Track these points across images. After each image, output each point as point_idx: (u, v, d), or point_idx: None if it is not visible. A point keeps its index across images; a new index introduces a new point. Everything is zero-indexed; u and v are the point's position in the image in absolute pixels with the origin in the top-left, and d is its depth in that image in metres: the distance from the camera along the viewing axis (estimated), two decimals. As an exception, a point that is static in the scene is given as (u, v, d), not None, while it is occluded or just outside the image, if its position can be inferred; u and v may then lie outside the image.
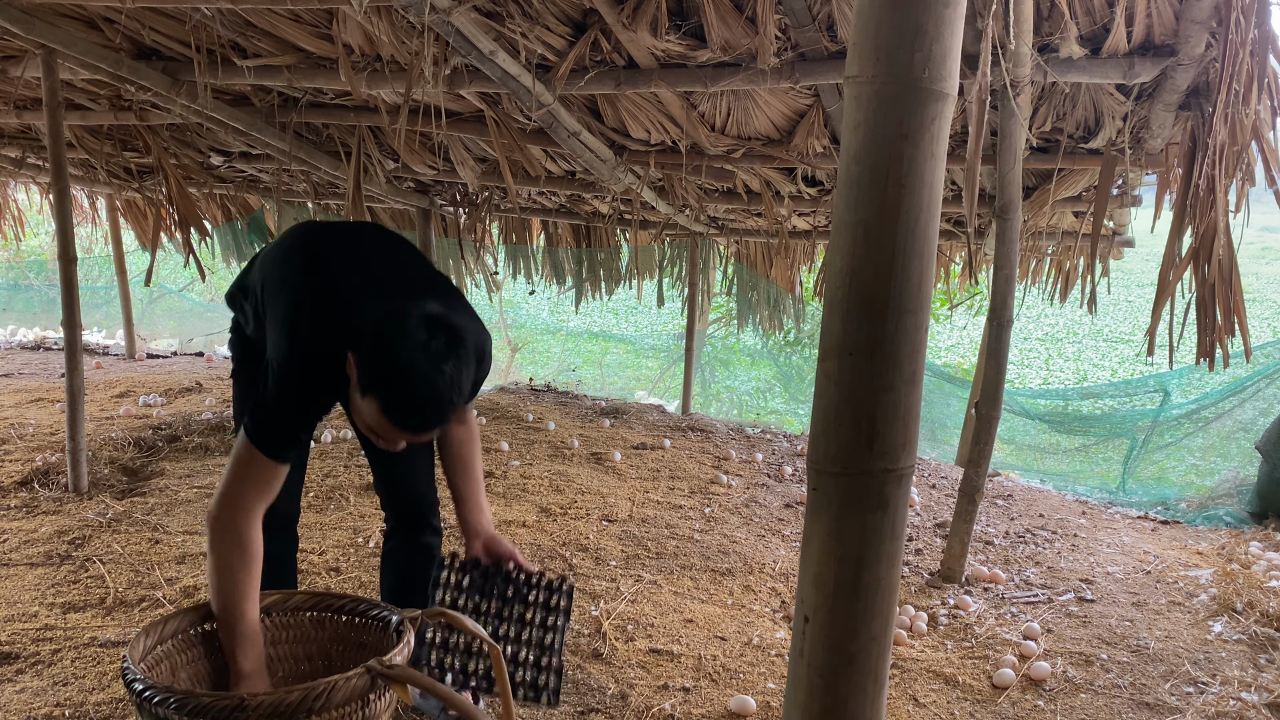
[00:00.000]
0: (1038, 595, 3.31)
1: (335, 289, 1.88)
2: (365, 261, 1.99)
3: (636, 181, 4.61)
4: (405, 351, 1.66)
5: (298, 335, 1.82)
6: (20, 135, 5.57)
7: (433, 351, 1.67)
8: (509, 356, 11.96)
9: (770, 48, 3.03)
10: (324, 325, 1.83)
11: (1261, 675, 2.69)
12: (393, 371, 1.66)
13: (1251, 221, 3.10)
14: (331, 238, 2.07)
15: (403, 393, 1.67)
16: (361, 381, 1.71)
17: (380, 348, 1.68)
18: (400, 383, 1.66)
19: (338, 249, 2.03)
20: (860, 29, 1.14)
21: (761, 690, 2.50)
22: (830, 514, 1.21)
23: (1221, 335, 3.09)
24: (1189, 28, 2.70)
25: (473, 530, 2.16)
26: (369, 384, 1.69)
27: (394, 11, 3.03)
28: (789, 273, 6.59)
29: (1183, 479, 5.88)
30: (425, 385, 1.66)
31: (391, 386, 1.67)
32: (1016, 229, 3.16)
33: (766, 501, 4.24)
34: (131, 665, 1.52)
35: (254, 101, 4.32)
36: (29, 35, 3.43)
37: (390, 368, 1.66)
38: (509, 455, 4.67)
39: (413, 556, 2.33)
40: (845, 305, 1.17)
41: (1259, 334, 13.77)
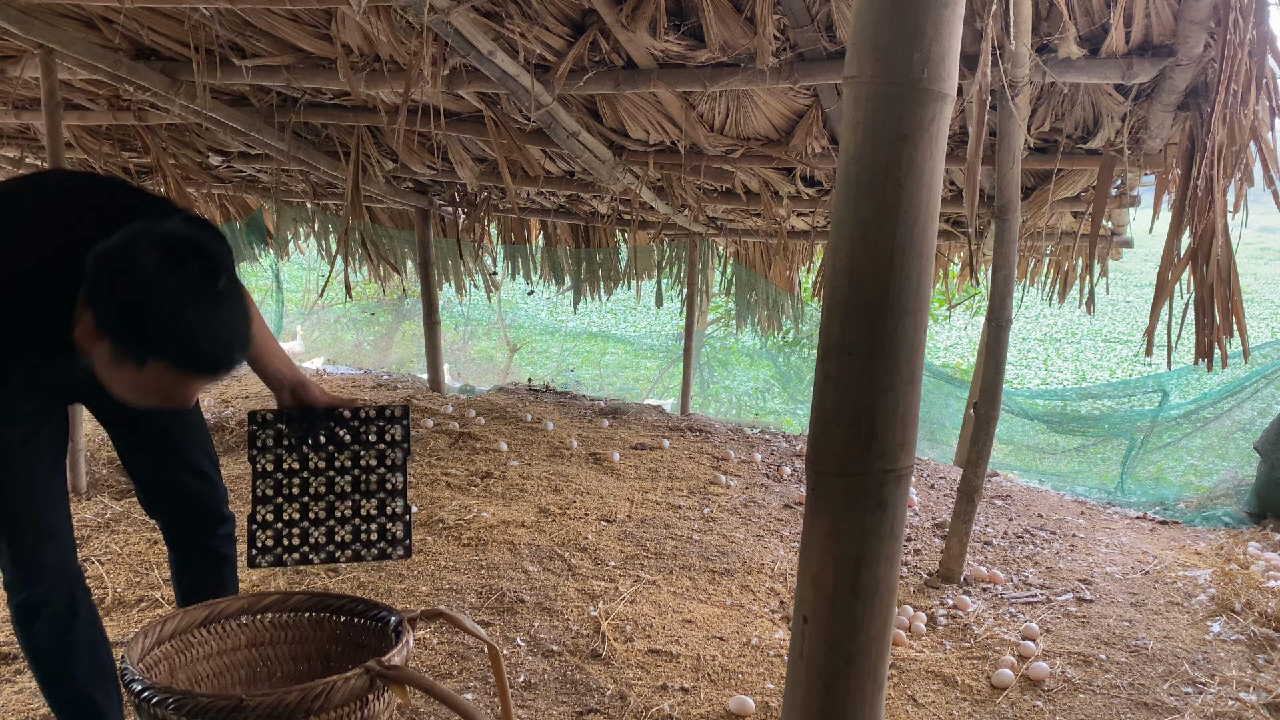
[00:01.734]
0: (1036, 595, 3.31)
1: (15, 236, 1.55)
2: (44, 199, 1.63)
3: (635, 182, 4.61)
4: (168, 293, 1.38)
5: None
6: (19, 135, 5.57)
7: (195, 278, 1.41)
8: (508, 357, 11.96)
9: (769, 48, 3.03)
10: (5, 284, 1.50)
11: (1260, 675, 2.69)
12: (167, 320, 1.39)
13: (1250, 222, 3.11)
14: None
15: (196, 338, 1.42)
16: (128, 348, 1.42)
17: (133, 303, 1.39)
18: (185, 328, 1.40)
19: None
20: (859, 29, 1.14)
21: (760, 690, 2.50)
22: (829, 514, 1.21)
23: (1220, 335, 3.09)
24: (1187, 28, 2.71)
25: (275, 381, 1.87)
26: (142, 349, 1.41)
27: (393, 12, 3.03)
28: (788, 273, 6.59)
29: (1181, 479, 5.88)
30: (213, 318, 1.43)
31: (177, 338, 1.41)
32: (1015, 229, 3.16)
33: (765, 502, 4.24)
34: (130, 665, 1.52)
35: (253, 101, 4.32)
36: (28, 35, 3.43)
37: (163, 317, 1.38)
38: (508, 455, 4.66)
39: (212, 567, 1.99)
40: (844, 305, 1.17)
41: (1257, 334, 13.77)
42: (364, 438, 1.92)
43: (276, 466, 1.90)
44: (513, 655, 2.62)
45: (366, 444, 1.92)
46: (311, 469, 1.91)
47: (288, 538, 1.90)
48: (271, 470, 1.90)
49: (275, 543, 1.91)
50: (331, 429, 1.91)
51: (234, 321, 1.48)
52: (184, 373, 1.46)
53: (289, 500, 1.91)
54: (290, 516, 1.91)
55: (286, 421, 1.89)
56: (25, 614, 1.75)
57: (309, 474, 1.91)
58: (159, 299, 1.39)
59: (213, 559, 2.01)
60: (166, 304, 1.39)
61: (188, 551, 2.02)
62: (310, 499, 1.91)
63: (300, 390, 1.89)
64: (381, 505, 1.93)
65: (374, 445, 1.93)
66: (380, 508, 1.93)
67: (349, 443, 1.92)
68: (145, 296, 1.39)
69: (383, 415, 1.91)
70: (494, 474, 4.30)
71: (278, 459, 1.90)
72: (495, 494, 4.03)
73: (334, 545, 1.92)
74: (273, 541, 1.90)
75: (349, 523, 1.92)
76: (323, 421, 1.90)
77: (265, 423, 1.89)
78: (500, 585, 3.05)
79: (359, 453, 1.92)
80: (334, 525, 1.92)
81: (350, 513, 1.92)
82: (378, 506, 1.93)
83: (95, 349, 1.46)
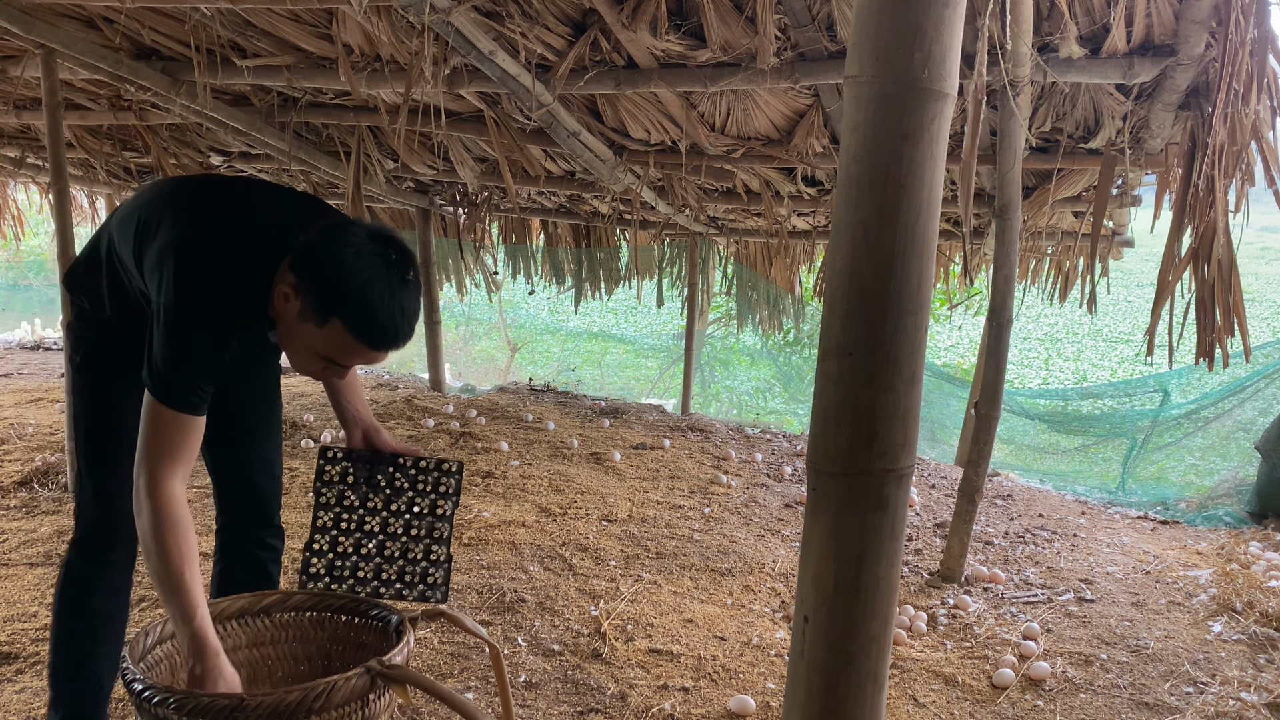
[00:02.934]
0: (1037, 595, 3.31)
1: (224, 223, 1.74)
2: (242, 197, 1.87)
3: (636, 181, 4.61)
4: (367, 268, 1.59)
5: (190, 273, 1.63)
6: (20, 135, 5.57)
7: (393, 263, 1.62)
8: (508, 356, 11.97)
9: (770, 48, 3.03)
10: (221, 259, 1.68)
11: (1261, 675, 2.69)
12: (360, 289, 1.58)
13: (1251, 221, 3.11)
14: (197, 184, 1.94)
15: (376, 309, 1.59)
16: (317, 308, 1.60)
17: (336, 267, 1.58)
18: (372, 299, 1.59)
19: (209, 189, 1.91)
20: (860, 29, 1.14)
21: (761, 690, 2.50)
22: (830, 514, 1.21)
23: (1221, 335, 3.09)
24: (1188, 28, 2.70)
25: (351, 419, 2.01)
26: (330, 307, 1.59)
27: (394, 11, 3.03)
28: (788, 273, 6.59)
29: (1182, 479, 5.88)
30: (396, 299, 1.61)
31: (362, 305, 1.59)
32: (1016, 229, 3.16)
33: (766, 501, 4.24)
34: (131, 665, 1.52)
35: (253, 101, 4.32)
36: (29, 35, 3.43)
37: (357, 285, 1.58)
38: (509, 455, 4.67)
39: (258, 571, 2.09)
40: (845, 305, 1.17)
41: (1258, 334, 13.77)
42: (420, 486, 2.04)
43: (338, 501, 2.01)
44: (514, 655, 2.62)
45: (422, 492, 2.04)
46: (369, 508, 2.02)
47: (339, 568, 2.01)
48: (333, 503, 2.01)
49: (326, 571, 2.01)
50: (392, 474, 2.02)
51: (411, 310, 1.65)
52: (355, 340, 1.62)
53: (345, 534, 2.01)
54: (344, 549, 2.01)
55: (354, 461, 2.01)
56: (95, 549, 1.90)
57: (366, 512, 2.02)
58: (361, 269, 1.58)
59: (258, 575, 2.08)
60: (366, 274, 1.59)
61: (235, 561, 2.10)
62: (364, 535, 2.02)
63: (372, 434, 2.02)
64: (427, 550, 2.03)
65: (428, 494, 2.04)
66: (426, 553, 2.03)
67: (406, 489, 2.03)
68: (352, 263, 1.58)
69: (439, 468, 2.03)
70: (495, 474, 4.30)
71: (340, 494, 2.01)
72: (496, 494, 4.03)
73: (379, 581, 2.02)
74: (324, 570, 2.00)
75: (395, 563, 2.02)
76: (386, 465, 2.02)
77: (334, 459, 2.01)
78: (501, 585, 3.05)
79: (414, 499, 2.03)
80: (382, 563, 2.02)
81: (398, 553, 2.03)
82: (423, 552, 2.03)
83: (286, 309, 1.65)
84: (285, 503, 2.18)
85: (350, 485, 2.01)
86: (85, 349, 1.92)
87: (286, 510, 2.28)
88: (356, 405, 2.02)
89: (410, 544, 2.02)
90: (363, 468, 2.02)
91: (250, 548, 2.09)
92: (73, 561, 1.90)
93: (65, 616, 1.91)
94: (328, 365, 1.70)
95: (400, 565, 2.02)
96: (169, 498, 1.59)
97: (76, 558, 1.90)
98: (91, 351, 1.92)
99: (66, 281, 1.95)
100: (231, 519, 2.10)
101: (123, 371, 1.87)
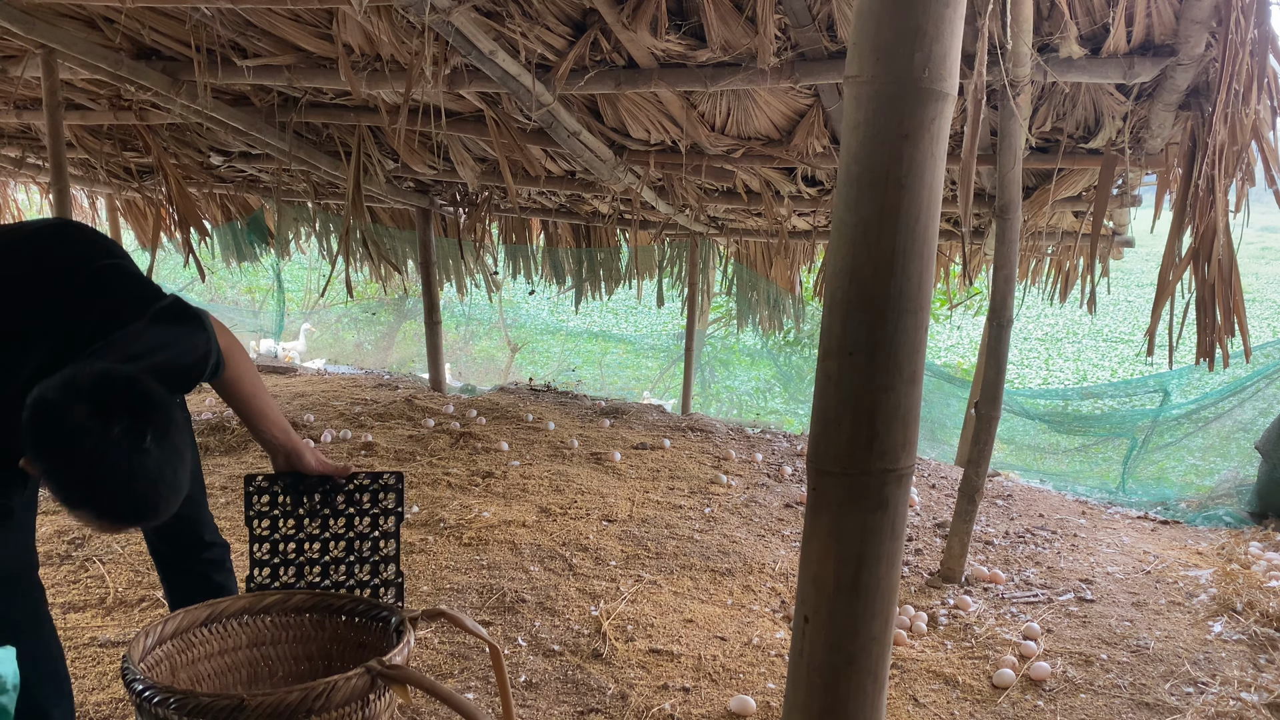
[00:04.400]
0: (1037, 595, 3.31)
1: None
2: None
3: (636, 181, 4.61)
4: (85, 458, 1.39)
5: None
6: (20, 135, 5.58)
7: (117, 440, 1.40)
8: (509, 356, 11.96)
9: (770, 48, 3.03)
10: None
11: (1261, 675, 2.69)
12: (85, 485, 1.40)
13: (1251, 221, 3.11)
14: None
15: (110, 502, 1.44)
16: (55, 495, 1.44)
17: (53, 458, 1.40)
18: (104, 495, 1.42)
19: None
20: (860, 29, 1.14)
21: (761, 690, 2.50)
22: (830, 514, 1.21)
23: (1221, 335, 3.09)
24: (1189, 28, 2.70)
25: (270, 446, 1.90)
26: (65, 500, 1.43)
27: (394, 11, 3.04)
28: (789, 273, 6.59)
29: (1182, 479, 5.88)
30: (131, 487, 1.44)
31: (93, 500, 1.43)
32: (1016, 229, 3.16)
33: (766, 501, 4.24)
34: (131, 665, 1.52)
35: (254, 101, 4.32)
36: (29, 35, 3.43)
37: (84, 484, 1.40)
38: (509, 455, 4.67)
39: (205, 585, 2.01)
40: (845, 305, 1.17)
41: (1259, 334, 13.77)
42: (359, 503, 1.95)
43: (273, 529, 1.93)
44: (514, 655, 2.62)
45: (361, 510, 1.94)
46: (308, 534, 1.94)
47: None
48: (267, 533, 1.93)
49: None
50: (326, 494, 1.93)
51: (159, 477, 1.47)
52: (105, 523, 1.50)
53: (284, 564, 1.94)
54: (285, 580, 1.95)
55: (282, 487, 1.92)
56: None
57: (306, 538, 1.94)
58: (81, 461, 1.40)
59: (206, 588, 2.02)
60: (85, 465, 1.40)
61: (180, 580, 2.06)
62: (305, 563, 1.95)
63: (295, 458, 1.91)
64: (375, 570, 1.97)
65: (367, 511, 1.96)
66: (374, 572, 1.97)
67: (343, 508, 1.95)
68: (69, 459, 1.40)
69: (377, 482, 1.94)
70: (495, 474, 4.30)
71: (274, 523, 1.93)
72: (496, 494, 4.03)
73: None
74: None
75: (343, 586, 1.96)
76: (317, 487, 1.92)
77: (260, 488, 1.92)
78: (501, 585, 3.05)
79: (353, 518, 1.95)
80: (329, 589, 1.96)
81: (344, 577, 1.96)
82: (370, 571, 1.97)
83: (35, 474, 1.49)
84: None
85: (282, 513, 1.93)
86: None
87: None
88: (272, 431, 1.89)
89: (355, 566, 1.95)
90: (292, 492, 1.92)
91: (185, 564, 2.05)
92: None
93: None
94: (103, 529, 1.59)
95: (349, 588, 1.96)
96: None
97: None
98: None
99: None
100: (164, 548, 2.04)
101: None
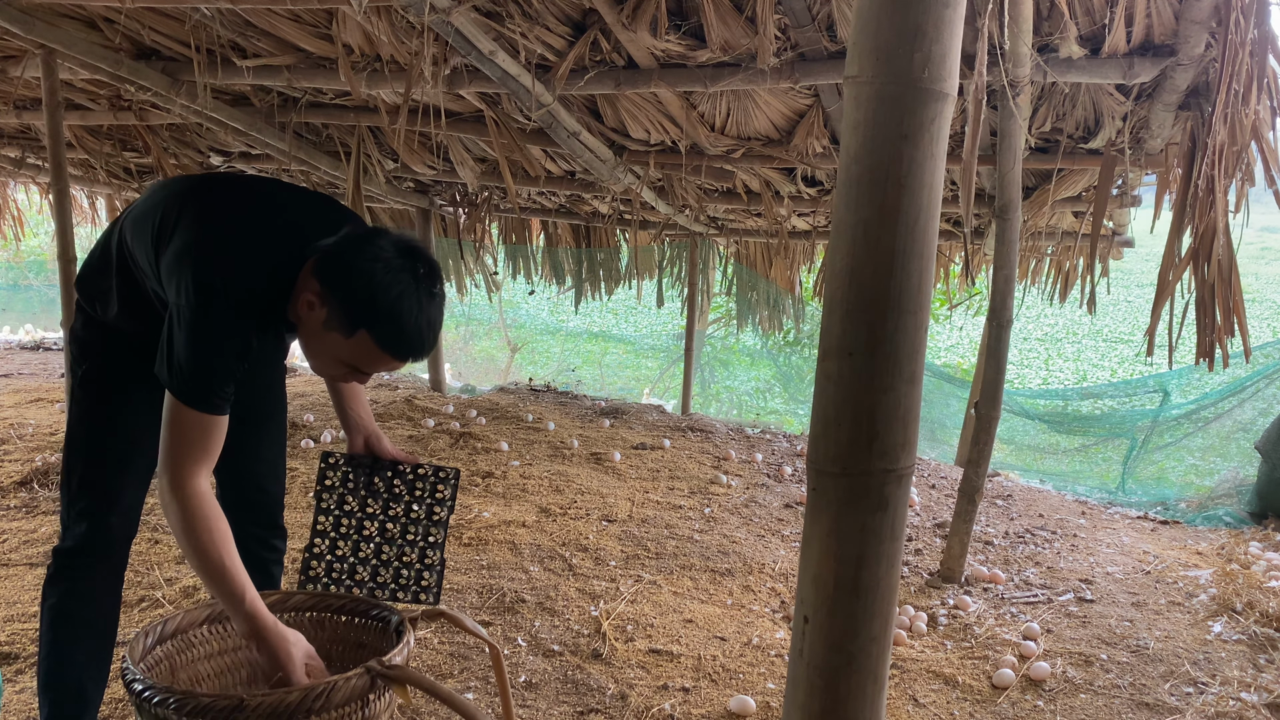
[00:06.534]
0: (1037, 595, 3.31)
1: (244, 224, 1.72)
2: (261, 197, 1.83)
3: (636, 181, 4.62)
4: (397, 283, 1.59)
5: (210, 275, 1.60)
6: (20, 135, 5.57)
7: (421, 277, 1.63)
8: (509, 356, 11.97)
9: (770, 48, 3.03)
10: (241, 261, 1.65)
11: (1261, 675, 2.69)
12: (390, 303, 1.59)
13: (1251, 221, 3.11)
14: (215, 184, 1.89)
15: (405, 323, 1.61)
16: (345, 319, 1.60)
17: (366, 280, 1.58)
18: (401, 314, 1.60)
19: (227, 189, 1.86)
20: (860, 29, 1.14)
21: (761, 690, 2.50)
22: (830, 514, 1.21)
23: (1221, 335, 3.09)
24: (1188, 28, 2.70)
25: (354, 425, 2.03)
26: (359, 320, 1.60)
27: (394, 11, 3.04)
28: (788, 273, 6.59)
29: (1182, 479, 5.89)
30: (424, 314, 1.63)
31: (392, 319, 1.60)
32: (1016, 229, 3.16)
33: (766, 502, 4.24)
34: (131, 665, 1.52)
35: (254, 101, 4.32)
36: (29, 35, 3.43)
37: (387, 300, 1.58)
38: (509, 455, 4.67)
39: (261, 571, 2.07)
40: (845, 305, 1.17)
41: (1258, 334, 13.78)
42: (417, 492, 2.07)
43: (339, 505, 2.05)
44: (514, 655, 2.62)
45: (419, 498, 2.07)
46: (368, 513, 2.06)
47: (337, 571, 2.04)
48: (333, 508, 2.05)
49: (325, 573, 2.04)
50: (391, 480, 2.06)
51: (437, 323, 1.69)
52: (383, 351, 1.64)
53: (343, 537, 2.05)
54: (343, 552, 2.05)
55: (354, 467, 2.05)
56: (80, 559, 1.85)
57: (365, 517, 2.06)
58: (391, 282, 1.59)
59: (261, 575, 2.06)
60: (396, 289, 1.59)
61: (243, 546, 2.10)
62: (362, 539, 2.06)
63: (374, 441, 2.04)
64: (422, 554, 2.07)
65: (425, 500, 2.07)
66: (420, 557, 2.06)
67: (403, 495, 2.07)
68: (382, 277, 1.59)
69: (436, 475, 2.07)
70: (495, 474, 4.30)
71: (340, 499, 2.05)
72: (496, 494, 4.03)
73: (374, 583, 2.06)
74: (323, 572, 2.04)
75: (391, 565, 2.06)
76: (385, 471, 2.06)
77: (334, 465, 2.05)
78: (501, 585, 3.05)
79: (411, 505, 2.07)
80: (378, 566, 2.06)
81: (393, 557, 2.06)
82: (419, 556, 2.07)
83: (310, 316, 1.64)
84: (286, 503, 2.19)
85: (350, 490, 2.05)
86: (90, 362, 1.86)
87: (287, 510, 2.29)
88: (360, 412, 2.04)
89: (406, 548, 2.06)
90: (362, 474, 2.05)
91: (253, 548, 2.08)
92: (58, 571, 1.86)
93: (50, 627, 1.87)
94: (350, 371, 1.72)
95: (396, 569, 2.05)
96: (196, 496, 1.60)
97: (62, 568, 1.85)
98: (97, 365, 1.86)
99: (79, 285, 1.88)
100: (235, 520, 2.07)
101: (127, 389, 1.85)
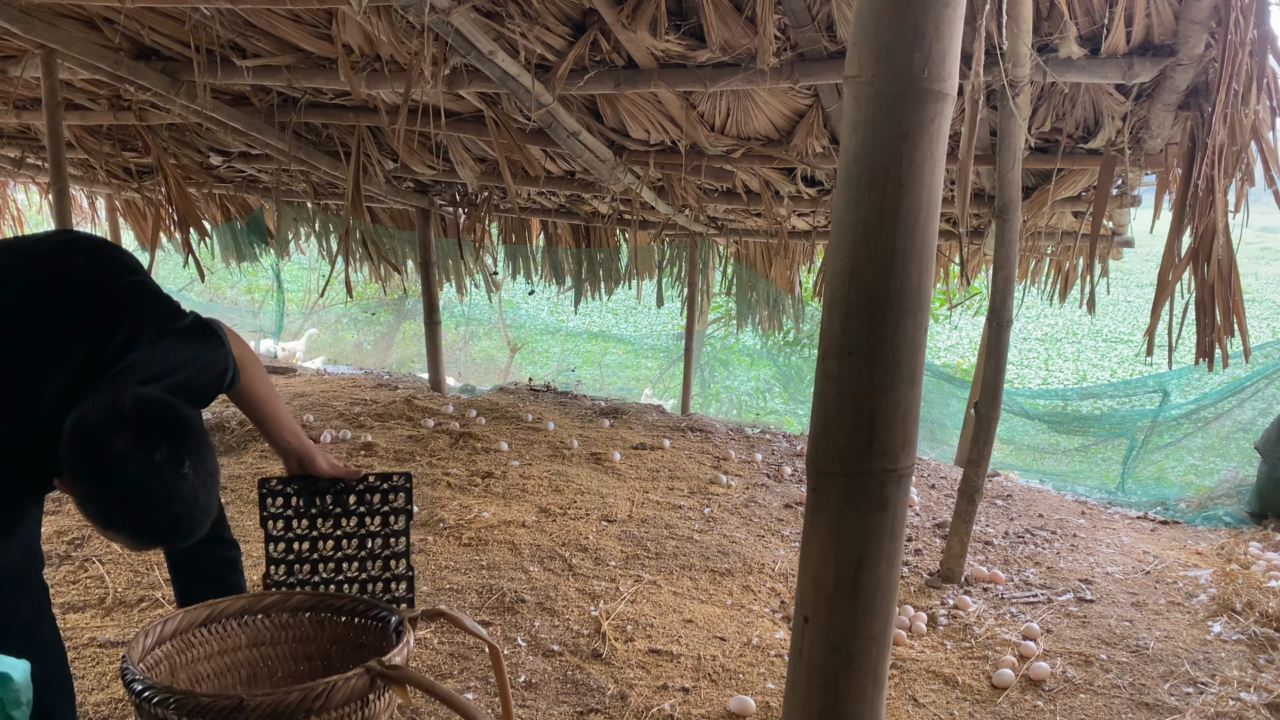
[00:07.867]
0: (1037, 595, 3.31)
1: None
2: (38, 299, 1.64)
3: (636, 181, 4.61)
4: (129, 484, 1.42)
5: None
6: (20, 135, 5.57)
7: (159, 466, 1.44)
8: (508, 356, 11.96)
9: (770, 48, 3.03)
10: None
11: (1261, 675, 2.69)
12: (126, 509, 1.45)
13: (1251, 221, 3.11)
14: None
15: (148, 525, 1.48)
16: (91, 518, 1.48)
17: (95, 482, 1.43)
18: (140, 518, 1.46)
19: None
20: (860, 29, 1.14)
21: (761, 690, 2.50)
22: (830, 514, 1.21)
23: (1221, 335, 3.09)
24: (1188, 28, 2.70)
25: (282, 450, 1.96)
26: (103, 523, 1.47)
27: (393, 11, 3.04)
28: (788, 273, 6.59)
29: (1182, 479, 5.88)
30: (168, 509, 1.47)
31: (132, 524, 1.47)
32: (1016, 229, 3.16)
33: (766, 502, 4.24)
34: (131, 665, 1.52)
35: (253, 101, 4.32)
36: (28, 35, 3.43)
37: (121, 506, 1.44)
38: (508, 455, 4.66)
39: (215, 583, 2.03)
40: (845, 305, 1.17)
41: (1258, 334, 13.78)
42: (369, 503, 2.02)
43: (287, 529, 2.01)
44: (513, 655, 2.62)
45: (372, 510, 2.02)
46: (322, 533, 2.02)
47: None
48: (282, 533, 2.01)
49: None
50: (338, 495, 2.01)
51: (195, 501, 1.52)
52: (139, 544, 1.57)
53: (300, 560, 2.01)
54: (301, 576, 2.01)
55: (295, 490, 2.00)
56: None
57: (319, 537, 2.01)
58: (123, 486, 1.44)
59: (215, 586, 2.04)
60: (129, 490, 1.44)
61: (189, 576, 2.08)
62: (319, 560, 2.03)
63: (307, 462, 1.98)
64: (386, 565, 2.04)
65: (378, 511, 2.03)
66: (385, 567, 2.04)
67: (355, 509, 2.02)
68: (112, 484, 1.44)
69: (386, 482, 2.02)
70: (495, 474, 4.30)
71: (288, 523, 2.00)
72: (496, 494, 4.03)
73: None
74: None
75: (355, 582, 2.03)
76: (329, 489, 2.00)
77: (275, 490, 1.99)
78: (501, 585, 3.05)
79: (364, 517, 2.02)
80: (343, 584, 2.03)
81: (356, 573, 2.03)
82: (382, 567, 2.04)
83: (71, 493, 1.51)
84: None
85: (295, 514, 2.00)
86: None
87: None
88: (285, 435, 1.96)
89: (368, 561, 2.02)
90: (304, 494, 2.00)
91: (205, 565, 2.07)
92: None
93: None
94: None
95: (361, 583, 2.03)
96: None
97: None
98: None
99: None
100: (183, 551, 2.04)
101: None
